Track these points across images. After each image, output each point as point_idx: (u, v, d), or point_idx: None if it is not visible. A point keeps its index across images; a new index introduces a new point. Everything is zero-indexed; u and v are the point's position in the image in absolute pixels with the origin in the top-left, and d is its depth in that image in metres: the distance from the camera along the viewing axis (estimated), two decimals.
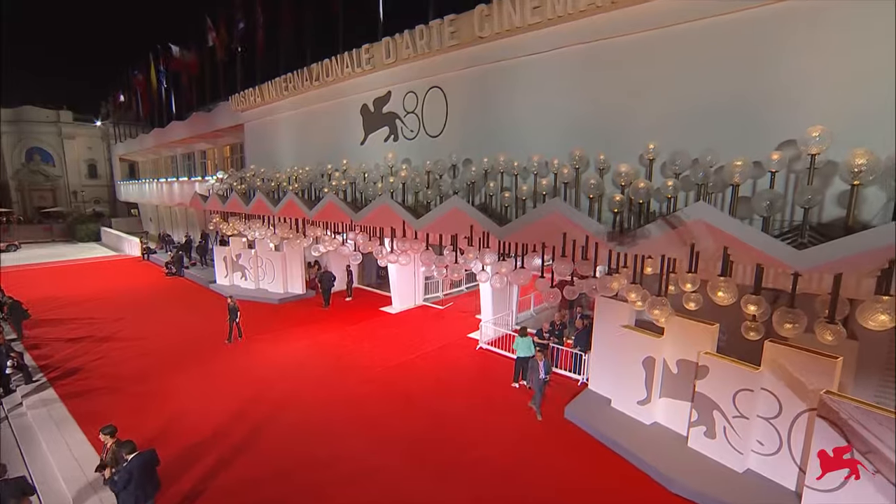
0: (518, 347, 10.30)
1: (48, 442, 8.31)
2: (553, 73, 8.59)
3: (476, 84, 9.93)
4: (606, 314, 9.22)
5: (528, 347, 10.15)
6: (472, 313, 15.62)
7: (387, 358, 12.27)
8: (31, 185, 48.07)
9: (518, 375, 10.48)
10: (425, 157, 10.88)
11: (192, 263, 24.69)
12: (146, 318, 16.00)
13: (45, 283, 21.76)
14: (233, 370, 11.47)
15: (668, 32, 7.17)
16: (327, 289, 17.38)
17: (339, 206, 11.33)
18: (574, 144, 8.00)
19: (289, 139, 16.66)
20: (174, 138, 28.62)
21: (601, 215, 7.49)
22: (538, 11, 8.32)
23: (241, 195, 16.00)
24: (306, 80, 14.38)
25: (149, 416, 9.17)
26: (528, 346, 10.17)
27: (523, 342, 10.20)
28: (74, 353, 12.62)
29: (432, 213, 9.12)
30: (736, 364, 7.11)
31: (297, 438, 8.46)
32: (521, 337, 10.26)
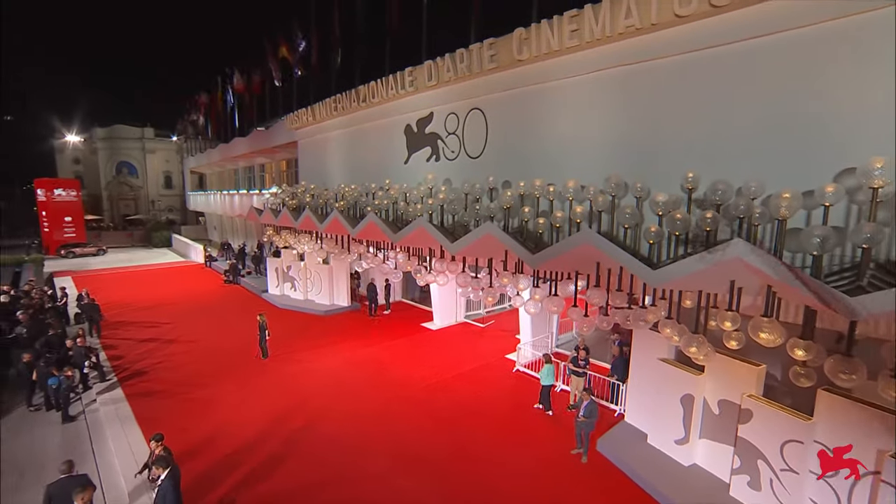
0: (542, 375, 10.37)
1: (113, 439, 9.30)
2: (591, 96, 8.54)
3: (515, 106, 10.06)
4: (644, 345, 8.91)
5: (552, 375, 10.23)
6: (512, 332, 15.55)
7: (423, 376, 12.51)
8: (119, 195, 54.05)
9: (547, 402, 10.43)
10: (466, 177, 11.12)
11: (248, 272, 26.42)
12: (203, 324, 17.36)
13: (121, 287, 24.20)
14: (276, 380, 12.20)
15: (710, 54, 6.95)
16: (373, 299, 18.12)
17: (379, 226, 11.81)
18: (612, 170, 7.91)
19: (338, 156, 17.55)
20: (236, 153, 30.98)
21: (639, 245, 7.34)
22: (576, 34, 8.33)
23: (292, 210, 17.04)
24: (354, 100, 15.15)
25: (196, 421, 9.99)
26: (552, 374, 10.25)
27: (548, 369, 10.23)
28: (141, 355, 13.98)
29: (467, 238, 9.29)
30: (784, 411, 6.64)
31: (329, 453, 8.86)
32: (547, 364, 10.29)
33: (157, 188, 55.60)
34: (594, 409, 8.41)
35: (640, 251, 7.24)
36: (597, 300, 7.47)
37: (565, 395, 11.17)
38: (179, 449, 7.95)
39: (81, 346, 12.04)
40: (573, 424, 8.92)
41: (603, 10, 7.84)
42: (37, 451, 9.11)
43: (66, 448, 9.13)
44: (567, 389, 11.17)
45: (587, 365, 10.46)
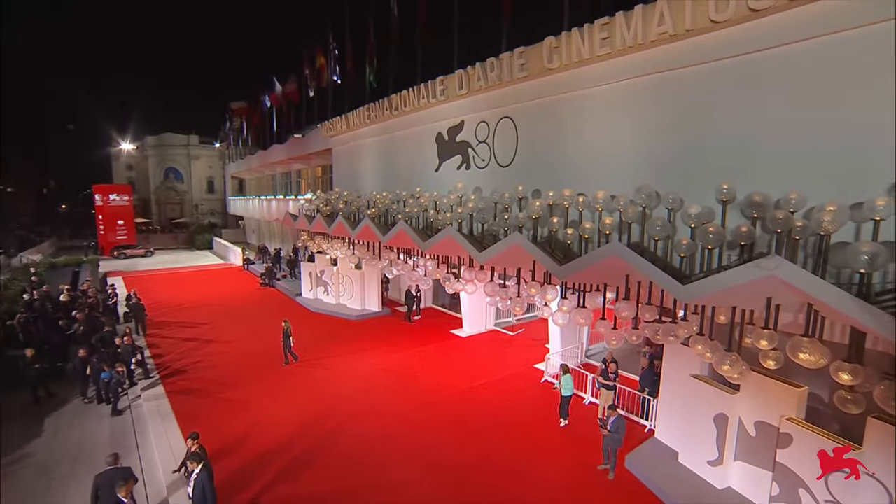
0: (562, 386, 10.27)
1: (155, 434, 9.91)
2: (622, 104, 8.46)
3: (545, 115, 10.07)
4: (675, 359, 8.66)
5: (571, 386, 10.20)
6: (542, 342, 15.42)
7: (451, 384, 12.62)
8: (166, 199, 57.38)
9: (565, 413, 10.33)
10: (496, 185, 11.21)
11: (283, 276, 27.36)
12: (239, 326, 18.12)
13: (165, 287, 25.61)
14: (306, 383, 12.61)
15: (747, 60, 6.76)
16: (410, 305, 18.54)
17: (409, 234, 12.04)
18: (643, 180, 7.81)
19: (371, 163, 17.99)
20: (274, 159, 32.25)
21: (671, 257, 7.20)
22: (607, 42, 8.28)
23: (326, 216, 17.58)
24: (387, 109, 15.54)
25: (230, 421, 10.47)
26: (571, 385, 10.22)
27: (566, 380, 10.14)
28: (181, 354, 14.78)
29: (494, 248, 9.36)
30: (828, 438, 6.31)
31: (355, 459, 9.09)
32: (564, 374, 10.21)
33: (200, 192, 58.54)
34: (621, 425, 8.25)
35: (672, 263, 7.11)
36: (626, 313, 7.36)
37: (594, 407, 11.00)
38: (213, 447, 8.38)
39: (128, 343, 12.88)
40: (601, 438, 8.77)
41: (635, 18, 7.76)
42: (88, 441, 9.82)
43: (113, 440, 9.79)
44: (596, 402, 11.00)
45: (617, 378, 10.26)
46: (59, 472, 8.76)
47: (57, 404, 11.54)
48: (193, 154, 57.40)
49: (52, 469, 8.85)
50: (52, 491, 8.19)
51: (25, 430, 10.22)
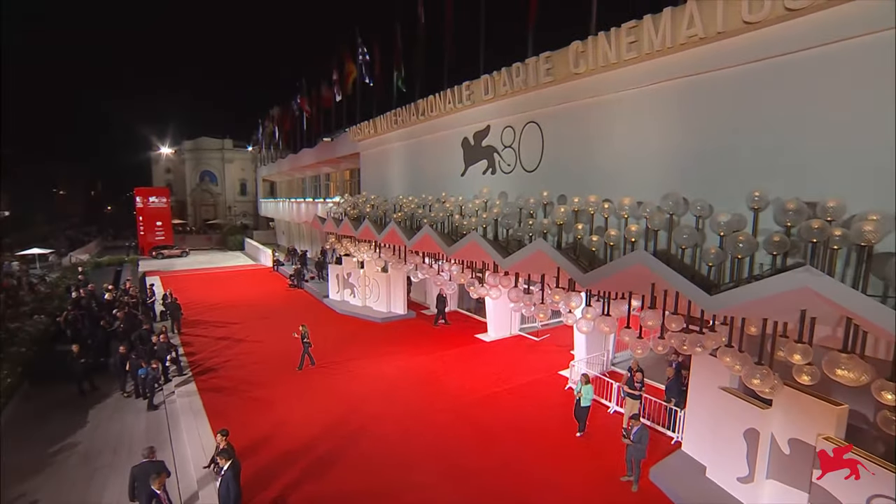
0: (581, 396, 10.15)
1: (187, 430, 10.38)
2: (649, 109, 8.35)
3: (571, 120, 10.03)
4: (703, 370, 8.45)
5: (590, 396, 10.06)
6: (567, 348, 15.27)
7: (474, 388, 12.67)
8: (201, 201, 59.79)
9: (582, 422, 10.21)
10: (522, 190, 11.23)
11: (312, 277, 28.02)
12: (268, 326, 18.69)
13: (199, 287, 26.66)
14: (331, 384, 12.92)
15: (781, 62, 6.57)
16: (441, 309, 18.72)
17: (433, 239, 12.18)
18: (670, 186, 7.68)
19: (398, 167, 18.28)
20: (304, 163, 33.11)
21: (699, 265, 7.05)
22: (635, 46, 8.21)
23: (353, 220, 17.95)
24: (413, 114, 15.78)
25: (258, 419, 10.85)
26: (590, 395, 10.07)
27: (586, 390, 10.03)
28: (213, 353, 15.39)
29: (518, 254, 9.38)
30: (870, 460, 6.03)
31: (377, 460, 9.27)
32: (585, 385, 10.11)
33: (233, 195, 60.72)
34: (644, 435, 8.12)
35: (700, 272, 6.97)
36: (651, 322, 7.25)
37: (619, 416, 10.83)
38: (241, 444, 8.71)
39: (164, 341, 13.53)
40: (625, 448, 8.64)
41: (663, 21, 7.67)
42: (126, 434, 10.39)
43: (148, 434, 10.31)
44: (620, 411, 10.83)
45: (643, 387, 10.09)
46: (101, 461, 9.32)
47: (99, 397, 12.25)
48: (227, 157, 59.64)
49: (94, 459, 9.43)
50: (94, 480, 8.72)
51: (71, 421, 10.91)
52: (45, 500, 8.19)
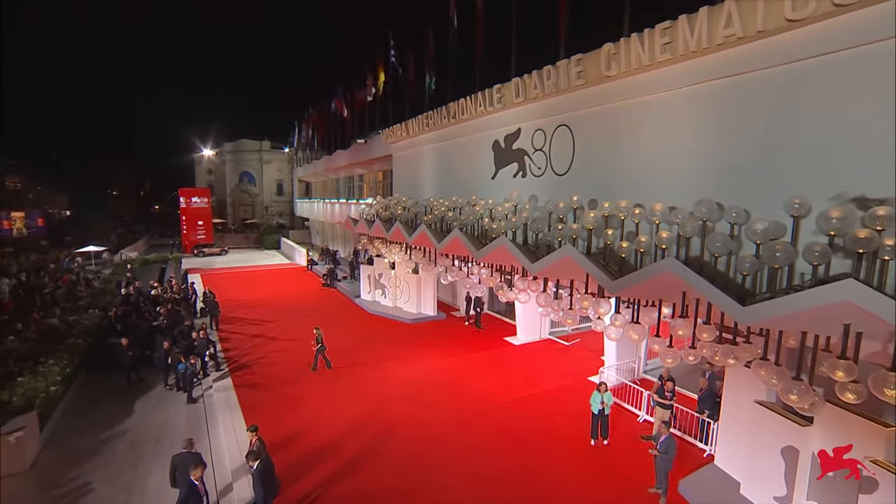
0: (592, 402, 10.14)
1: (223, 423, 10.92)
2: (683, 111, 8.18)
3: (602, 123, 9.93)
4: (738, 382, 8.17)
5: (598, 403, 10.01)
6: (597, 353, 15.05)
7: (501, 392, 12.71)
8: (240, 201, 62.19)
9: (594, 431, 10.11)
10: (552, 194, 11.20)
11: (344, 277, 28.70)
12: (301, 324, 19.25)
13: (236, 285, 27.80)
14: (360, 384, 13.26)
15: (826, 61, 6.31)
16: (478, 312, 18.80)
17: (463, 242, 12.31)
18: (704, 191, 7.51)
19: (429, 170, 18.51)
20: (338, 164, 33.94)
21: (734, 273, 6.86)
22: (669, 48, 8.06)
23: (384, 221, 18.32)
24: (445, 117, 15.96)
25: (288, 416, 11.28)
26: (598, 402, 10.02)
27: (596, 397, 9.97)
28: (248, 349, 16.06)
29: (546, 259, 9.38)
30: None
31: (402, 461, 9.48)
32: (605, 392, 10.04)
33: (270, 195, 62.84)
34: (672, 445, 7.93)
35: (735, 280, 6.78)
36: (682, 331, 7.11)
37: (650, 426, 10.60)
38: (272, 440, 9.10)
39: (203, 337, 14.24)
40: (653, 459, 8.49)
41: (699, 21, 7.51)
42: (168, 424, 11.04)
43: (188, 426, 10.92)
44: (651, 420, 10.61)
45: (674, 397, 9.85)
46: (146, 449, 9.96)
47: (145, 388, 13.05)
48: (265, 159, 61.80)
49: (140, 446, 10.09)
50: (139, 466, 9.35)
51: (120, 410, 11.71)
52: (98, 481, 8.86)
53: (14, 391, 10.31)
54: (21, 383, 10.71)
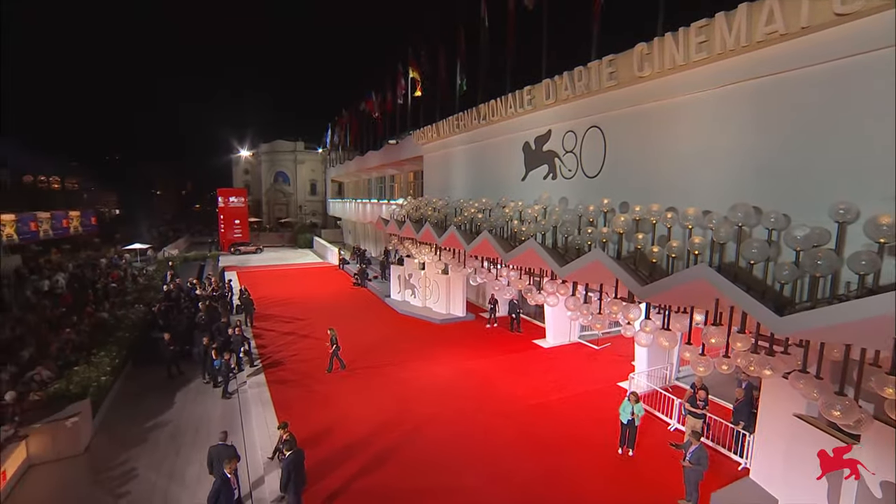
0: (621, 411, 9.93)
1: (256, 418, 11.39)
2: (719, 112, 7.94)
3: (635, 124, 9.76)
4: (776, 393, 7.86)
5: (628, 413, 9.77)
6: (628, 358, 14.78)
7: (528, 395, 12.70)
8: (275, 200, 64.15)
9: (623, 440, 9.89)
10: (582, 196, 11.09)
11: (375, 276, 29.18)
12: (331, 322, 19.58)
13: (270, 283, 28.73)
14: (388, 383, 13.50)
15: (877, 57, 6.00)
16: (516, 315, 18.65)
17: (492, 244, 12.35)
18: (741, 195, 7.28)
19: (459, 171, 18.61)
20: (370, 165, 34.53)
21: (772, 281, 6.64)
22: (705, 46, 7.85)
23: (415, 222, 18.56)
24: (475, 118, 16.01)
25: (318, 413, 11.64)
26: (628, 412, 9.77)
27: (626, 407, 9.79)
28: (280, 346, 16.62)
29: (575, 263, 9.33)
30: None
31: (428, 461, 9.63)
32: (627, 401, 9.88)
33: (304, 194, 64.54)
34: (703, 457, 7.72)
35: (773, 287, 6.55)
36: (715, 340, 6.93)
37: (680, 434, 10.36)
38: (302, 436, 9.41)
39: (239, 334, 14.84)
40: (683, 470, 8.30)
41: (737, 18, 7.28)
42: (205, 417, 11.60)
43: (223, 419, 11.43)
44: (682, 429, 10.36)
45: (706, 406, 9.58)
46: (185, 439, 10.52)
47: (185, 381, 13.74)
48: (299, 159, 63.54)
49: (180, 436, 10.66)
50: (180, 454, 9.90)
51: (162, 401, 12.39)
52: (143, 467, 9.46)
53: (71, 380, 11.10)
54: (77, 372, 11.52)
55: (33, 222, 38.23)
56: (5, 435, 9.08)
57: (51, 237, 40.66)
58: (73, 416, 9.94)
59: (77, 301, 19.87)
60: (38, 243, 38.31)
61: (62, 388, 10.75)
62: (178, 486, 8.83)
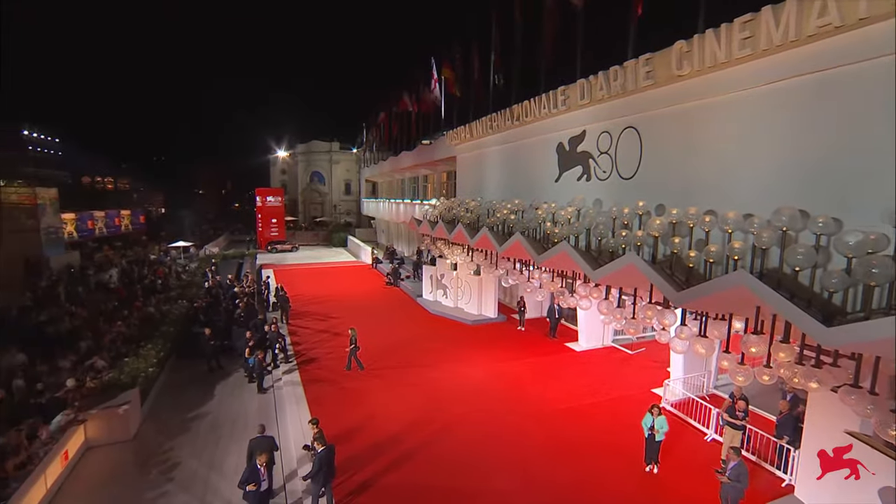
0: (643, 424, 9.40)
1: (290, 414, 11.78)
2: (764, 111, 7.61)
3: (672, 125, 9.49)
4: (824, 407, 7.48)
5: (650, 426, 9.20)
6: (663, 364, 14.40)
7: (559, 398, 12.59)
8: (310, 199, 65.89)
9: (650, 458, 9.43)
10: (617, 198, 10.89)
11: (407, 276, 29.52)
12: (364, 321, 20.05)
13: (305, 281, 29.53)
14: (419, 383, 13.67)
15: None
16: (555, 321, 18.27)
17: (524, 246, 12.30)
18: (785, 199, 6.97)
19: (493, 172, 18.58)
20: (403, 165, 34.93)
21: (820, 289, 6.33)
22: (749, 43, 7.55)
23: (447, 223, 18.67)
24: (508, 119, 15.96)
25: (350, 410, 11.93)
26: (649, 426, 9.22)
27: (648, 420, 9.30)
28: (314, 344, 17.08)
29: (609, 266, 9.18)
30: None
31: (456, 461, 9.71)
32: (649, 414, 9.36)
33: (339, 194, 65.98)
34: (743, 473, 7.42)
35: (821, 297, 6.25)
36: (755, 349, 6.67)
37: (717, 445, 9.99)
38: (333, 432, 9.69)
39: (275, 331, 15.37)
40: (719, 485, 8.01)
41: (786, 12, 6.96)
42: (242, 410, 12.11)
43: (259, 414, 11.87)
44: (719, 440, 10.00)
45: (746, 417, 9.21)
46: (224, 431, 11.03)
47: (224, 375, 14.36)
48: (334, 159, 65.01)
49: (219, 427, 11.19)
50: (219, 445, 10.40)
51: (202, 393, 13.01)
52: (185, 456, 10.00)
53: (122, 370, 11.85)
54: (127, 363, 12.27)
55: (90, 220, 40.78)
56: (66, 419, 9.83)
57: (105, 234, 43.29)
58: (125, 404, 10.64)
59: (128, 296, 21.10)
60: (94, 240, 40.87)
61: (115, 378, 11.49)
62: (218, 475, 9.28)
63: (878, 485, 6.80)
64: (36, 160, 58.29)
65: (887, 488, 6.59)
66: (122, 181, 70.79)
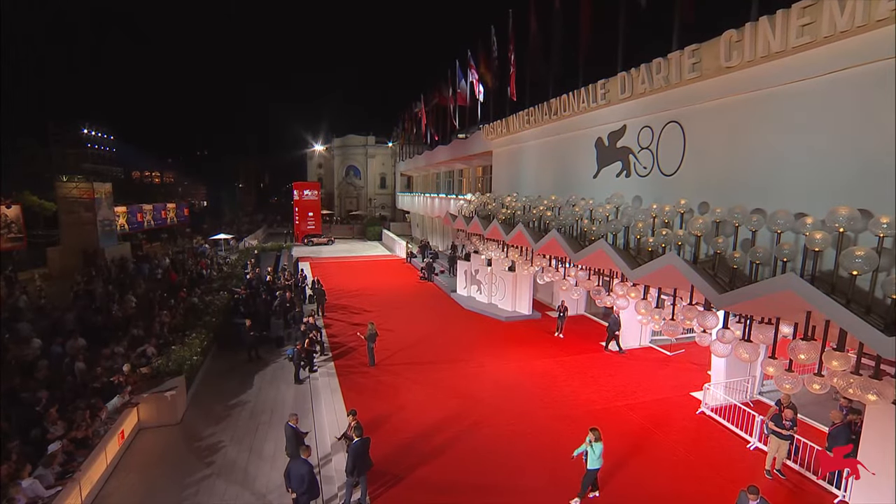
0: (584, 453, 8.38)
1: (325, 404, 12.23)
2: (822, 102, 7.22)
3: (719, 119, 9.17)
4: (882, 421, 7.11)
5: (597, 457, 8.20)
6: (703, 367, 13.98)
7: (593, 399, 12.49)
8: (346, 193, 67.26)
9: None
10: (657, 196, 10.66)
11: (441, 271, 29.74)
12: (399, 315, 20.55)
13: (340, 274, 30.26)
14: (452, 378, 13.85)
15: None
16: (613, 333, 16.89)
17: (560, 243, 12.21)
18: (844, 197, 6.63)
19: (529, 167, 18.46)
20: (438, 159, 35.10)
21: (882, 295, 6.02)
22: (808, 30, 7.18)
23: (483, 219, 18.70)
24: (546, 113, 15.79)
25: (382, 403, 12.25)
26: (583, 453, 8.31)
27: (595, 448, 8.21)
28: (350, 337, 17.52)
29: (648, 266, 9.02)
30: None
31: (487, 458, 9.83)
32: (595, 442, 8.25)
33: (374, 188, 67.04)
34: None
35: (883, 303, 5.94)
36: (805, 356, 6.41)
37: (761, 455, 9.64)
38: (365, 423, 9.90)
39: (312, 323, 15.89)
40: None
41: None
42: (280, 399, 12.65)
43: (295, 403, 12.37)
44: (763, 448, 9.65)
45: (794, 427, 8.85)
46: (262, 419, 11.57)
47: (262, 365, 15.02)
48: (370, 153, 66.03)
49: (258, 415, 11.74)
50: (258, 432, 10.92)
51: (243, 382, 13.67)
52: (227, 441, 10.57)
53: (169, 357, 12.61)
54: (174, 351, 13.05)
55: (140, 213, 43.14)
56: (122, 401, 10.64)
57: (152, 227, 45.73)
58: (172, 390, 11.35)
59: (176, 285, 22.31)
60: (143, 232, 43.28)
61: (163, 365, 12.24)
62: (257, 460, 9.78)
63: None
64: (93, 156, 62.28)
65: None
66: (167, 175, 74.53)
